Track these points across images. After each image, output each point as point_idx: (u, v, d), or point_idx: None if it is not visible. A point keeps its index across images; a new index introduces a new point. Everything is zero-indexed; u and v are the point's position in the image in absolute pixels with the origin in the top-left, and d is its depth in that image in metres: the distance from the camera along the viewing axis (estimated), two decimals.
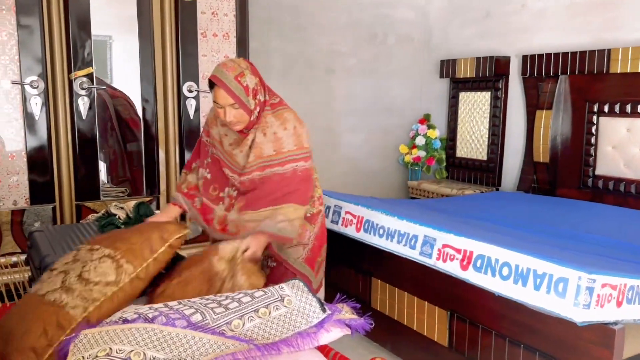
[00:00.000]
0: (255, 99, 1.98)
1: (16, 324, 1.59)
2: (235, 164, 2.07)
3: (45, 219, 3.03)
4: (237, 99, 1.93)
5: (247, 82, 1.96)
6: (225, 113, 1.96)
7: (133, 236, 1.80)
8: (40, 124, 2.96)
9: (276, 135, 2.02)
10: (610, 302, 1.74)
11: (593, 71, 3.39)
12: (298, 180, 2.02)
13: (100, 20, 3.14)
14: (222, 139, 2.10)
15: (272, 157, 2.01)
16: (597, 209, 3.23)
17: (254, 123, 2.02)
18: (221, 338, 1.41)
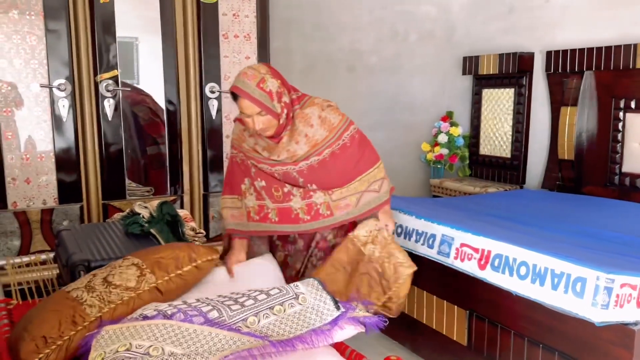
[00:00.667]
0: (281, 102, 1.97)
1: (37, 312, 1.66)
2: (281, 161, 2.05)
3: (73, 217, 3.13)
4: (263, 106, 1.92)
5: (270, 87, 1.95)
6: (254, 122, 1.95)
7: (165, 251, 1.85)
8: (68, 126, 3.05)
9: (321, 118, 2.03)
10: (630, 303, 1.72)
11: (619, 66, 3.31)
12: (357, 143, 2.05)
13: (125, 23, 3.21)
14: (255, 147, 2.08)
15: (328, 137, 2.02)
16: (624, 207, 3.17)
17: (284, 126, 2.01)
18: (237, 334, 1.45)
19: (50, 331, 1.53)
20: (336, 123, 2.03)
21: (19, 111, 2.96)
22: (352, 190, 2.01)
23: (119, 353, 1.36)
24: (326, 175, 2.02)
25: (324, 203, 2.01)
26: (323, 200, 2.01)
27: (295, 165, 2.02)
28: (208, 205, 3.47)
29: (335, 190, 2.02)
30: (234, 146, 2.16)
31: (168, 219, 2.50)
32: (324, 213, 2.02)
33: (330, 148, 2.01)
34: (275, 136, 2.02)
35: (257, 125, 1.95)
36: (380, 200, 2.03)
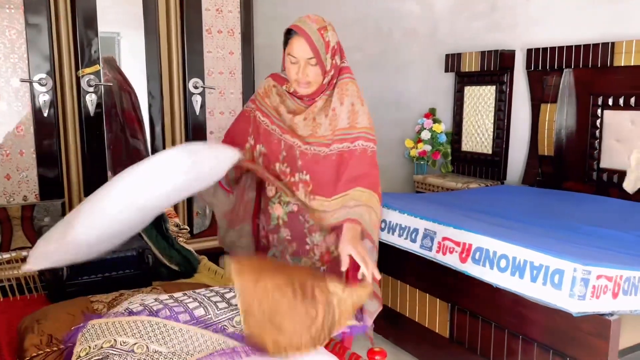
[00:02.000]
0: (333, 60, 1.76)
1: (55, 309, 1.72)
2: (296, 133, 1.82)
3: (54, 214, 3.09)
4: (317, 53, 1.70)
5: (329, 37, 1.74)
6: (300, 69, 1.72)
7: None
8: (49, 121, 3.02)
9: (354, 107, 1.79)
10: (606, 294, 1.77)
11: (597, 65, 3.38)
12: (367, 162, 1.77)
13: (107, 18, 3.19)
14: (279, 107, 1.85)
15: (345, 130, 1.77)
16: (601, 202, 3.24)
17: (324, 88, 1.78)
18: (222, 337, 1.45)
19: (58, 333, 1.54)
20: (360, 125, 1.78)
21: None
22: (334, 205, 1.75)
23: (103, 349, 1.36)
24: (324, 173, 1.79)
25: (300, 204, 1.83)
26: (302, 200, 1.82)
27: (304, 144, 1.80)
28: (192, 202, 3.46)
29: (319, 198, 1.78)
30: (254, 100, 1.94)
31: None
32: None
33: (341, 144, 1.76)
34: (311, 97, 1.81)
35: (301, 74, 1.72)
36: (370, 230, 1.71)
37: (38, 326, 1.59)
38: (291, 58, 1.75)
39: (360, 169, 1.75)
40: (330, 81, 1.78)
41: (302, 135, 1.80)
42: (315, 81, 1.75)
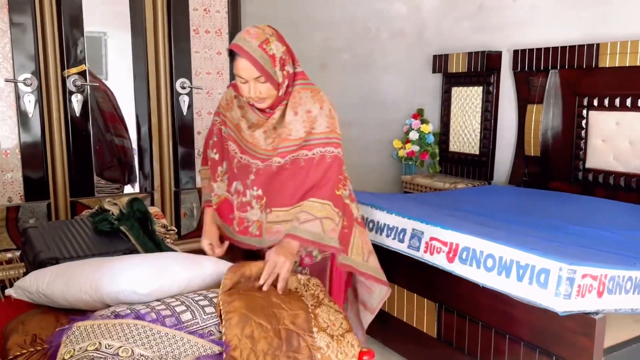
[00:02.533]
0: (283, 71, 1.71)
1: (42, 311, 1.70)
2: (256, 149, 1.79)
3: (40, 215, 3.06)
4: (263, 70, 1.66)
5: (274, 50, 1.68)
6: (250, 88, 1.69)
7: None
8: (34, 122, 2.99)
9: (310, 114, 1.75)
10: (591, 293, 1.78)
11: (582, 65, 3.42)
12: (325, 169, 1.74)
13: (93, 17, 3.16)
14: (240, 122, 1.82)
15: (301, 139, 1.74)
16: (587, 201, 3.27)
17: (281, 99, 1.75)
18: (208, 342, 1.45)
19: (43, 332, 1.52)
20: (318, 130, 1.75)
21: None
22: (291, 215, 1.73)
23: (88, 352, 1.34)
24: (282, 184, 1.76)
25: (257, 222, 1.78)
26: (257, 219, 1.78)
27: (262, 161, 1.78)
28: (179, 202, 3.45)
29: (275, 210, 1.76)
30: (218, 112, 1.93)
31: (138, 216, 2.46)
32: (254, 232, 1.79)
33: (297, 153, 1.74)
34: (271, 108, 1.77)
35: (253, 93, 1.69)
36: (321, 239, 1.69)
37: (23, 327, 1.58)
38: (239, 79, 1.71)
39: (316, 177, 1.73)
40: (285, 91, 1.75)
41: (265, 149, 1.78)
42: (269, 95, 1.72)
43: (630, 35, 3.26)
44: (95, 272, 1.64)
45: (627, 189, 3.29)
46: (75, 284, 1.64)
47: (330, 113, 1.80)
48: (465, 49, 4.26)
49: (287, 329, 1.49)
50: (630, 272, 1.92)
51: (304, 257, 1.85)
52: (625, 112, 3.28)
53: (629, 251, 2.30)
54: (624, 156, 3.31)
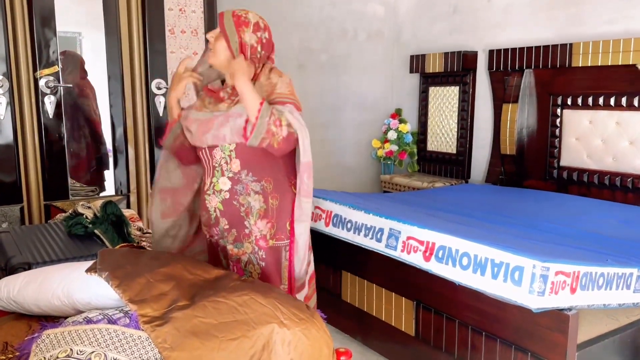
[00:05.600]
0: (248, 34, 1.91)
1: (13, 318, 1.68)
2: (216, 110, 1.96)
3: (13, 219, 3.00)
4: (220, 23, 1.90)
5: (244, 14, 1.94)
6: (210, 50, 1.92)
7: None
8: (6, 124, 2.93)
9: (270, 82, 1.92)
10: (565, 289, 1.81)
11: (556, 65, 3.47)
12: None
13: (67, 17, 3.11)
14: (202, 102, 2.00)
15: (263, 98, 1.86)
16: (561, 199, 3.33)
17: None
18: None
19: (14, 340, 1.50)
20: (278, 91, 1.90)
21: None
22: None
23: (59, 359, 1.32)
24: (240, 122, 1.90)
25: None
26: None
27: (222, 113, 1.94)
28: None
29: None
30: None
31: (113, 219, 2.44)
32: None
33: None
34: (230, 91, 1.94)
35: (211, 32, 1.92)
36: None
37: None
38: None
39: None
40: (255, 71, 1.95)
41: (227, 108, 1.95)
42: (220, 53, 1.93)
43: (602, 35, 3.32)
44: (67, 277, 1.61)
45: (600, 186, 3.35)
46: (47, 290, 1.61)
47: (290, 82, 1.95)
48: (441, 50, 4.29)
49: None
50: (603, 268, 1.95)
51: (259, 238, 1.95)
52: (598, 111, 3.35)
53: (602, 247, 2.35)
54: (597, 154, 3.37)
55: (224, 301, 1.50)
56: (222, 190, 1.95)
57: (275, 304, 1.54)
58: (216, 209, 1.97)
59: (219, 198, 1.95)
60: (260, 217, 1.94)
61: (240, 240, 1.97)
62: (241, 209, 1.94)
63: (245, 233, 1.95)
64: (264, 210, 1.93)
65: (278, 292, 1.66)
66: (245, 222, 1.95)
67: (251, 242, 1.96)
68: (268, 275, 1.97)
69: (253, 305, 1.51)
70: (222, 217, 1.96)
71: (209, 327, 1.42)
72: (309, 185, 1.93)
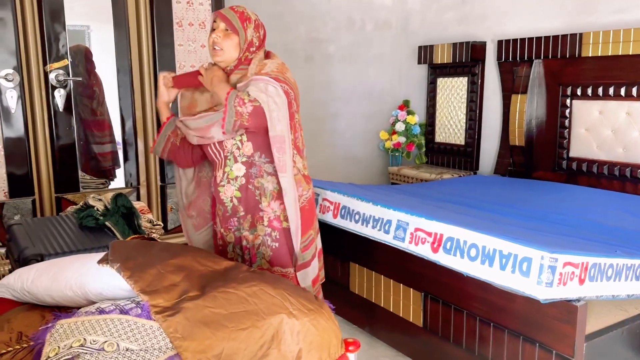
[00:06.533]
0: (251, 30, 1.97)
1: (26, 309, 1.70)
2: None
3: (25, 212, 3.04)
4: (228, 22, 1.93)
5: (244, 11, 1.99)
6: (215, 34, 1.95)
7: None
8: (17, 117, 2.96)
9: (262, 63, 1.99)
10: (573, 280, 1.81)
11: (566, 55, 3.44)
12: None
13: (75, 11, 3.13)
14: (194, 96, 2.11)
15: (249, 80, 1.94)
16: (571, 190, 3.31)
17: (239, 63, 1.98)
18: None
19: (28, 330, 1.52)
20: (265, 70, 1.95)
21: None
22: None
23: (73, 348, 1.34)
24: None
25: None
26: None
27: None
28: (166, 197, 3.43)
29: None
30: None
31: (123, 211, 2.47)
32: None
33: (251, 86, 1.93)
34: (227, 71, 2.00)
35: (214, 34, 1.94)
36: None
37: (8, 325, 1.58)
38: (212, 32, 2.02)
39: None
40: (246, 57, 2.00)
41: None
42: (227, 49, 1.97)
43: (612, 24, 3.29)
44: (79, 269, 1.64)
45: (610, 177, 3.33)
46: (60, 281, 1.64)
47: (282, 64, 2.00)
48: (449, 40, 4.27)
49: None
50: (612, 259, 1.95)
51: (273, 219, 2.00)
52: (608, 101, 3.32)
53: (611, 239, 2.34)
54: (606, 145, 3.35)
55: (233, 292, 1.52)
56: (237, 177, 2.01)
57: (284, 294, 1.56)
58: (232, 198, 2.03)
59: (235, 185, 2.02)
60: (274, 198, 2.00)
61: (255, 226, 2.03)
62: (256, 192, 2.01)
63: (259, 216, 2.02)
64: (277, 192, 1.99)
65: (287, 283, 1.68)
66: (259, 205, 2.01)
67: (264, 224, 2.01)
68: (281, 255, 2.03)
69: (262, 296, 1.53)
70: (239, 205, 2.03)
71: (219, 317, 1.44)
72: (280, 159, 1.92)
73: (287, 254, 2.05)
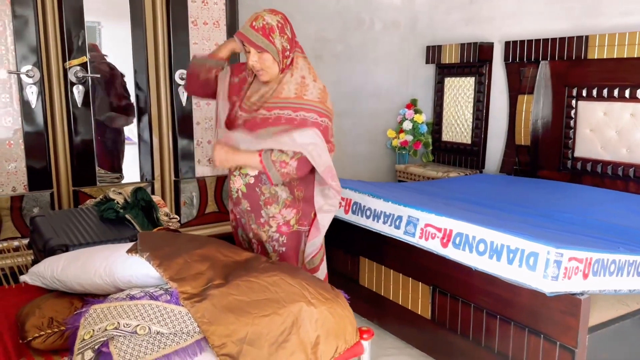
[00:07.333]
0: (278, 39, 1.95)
1: (55, 296, 1.78)
2: (248, 102, 2.05)
3: (43, 204, 3.12)
4: (252, 43, 1.91)
5: (263, 22, 1.93)
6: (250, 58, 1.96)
7: None
8: (37, 112, 3.04)
9: (304, 81, 1.98)
10: (577, 275, 1.89)
11: (572, 57, 3.51)
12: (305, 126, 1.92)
13: (92, 8, 3.20)
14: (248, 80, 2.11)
15: (290, 99, 1.94)
16: (575, 189, 3.38)
17: (283, 70, 1.99)
18: None
19: (58, 315, 1.61)
20: (308, 97, 1.95)
21: None
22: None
23: (107, 331, 1.43)
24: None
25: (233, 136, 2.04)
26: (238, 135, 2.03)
27: (247, 112, 2.02)
28: (179, 192, 3.52)
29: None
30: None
31: (142, 205, 2.55)
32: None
33: (282, 111, 1.95)
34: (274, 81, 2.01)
35: (250, 60, 1.94)
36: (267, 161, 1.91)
37: (39, 310, 1.66)
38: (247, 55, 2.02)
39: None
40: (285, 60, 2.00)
41: (254, 102, 2.03)
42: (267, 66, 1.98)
43: (618, 26, 3.36)
44: (108, 257, 1.72)
45: (614, 177, 3.40)
46: (89, 269, 1.72)
47: (323, 88, 2.00)
48: (457, 40, 4.34)
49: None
50: (614, 255, 2.02)
51: (282, 225, 2.05)
52: (613, 102, 3.39)
53: (614, 236, 2.42)
54: (611, 145, 3.42)
55: (255, 281, 1.60)
56: (247, 175, 2.05)
57: (303, 284, 1.64)
58: (239, 190, 2.08)
59: (244, 181, 2.06)
60: (286, 206, 2.04)
61: (258, 224, 2.09)
62: (261, 197, 2.04)
63: (261, 222, 2.06)
64: (291, 200, 2.04)
65: (304, 273, 1.77)
66: (262, 211, 2.05)
67: (266, 232, 2.06)
68: (287, 258, 2.08)
69: (283, 285, 1.62)
70: (243, 199, 2.08)
71: (242, 304, 1.52)
72: (332, 184, 2.03)
73: (294, 256, 2.10)
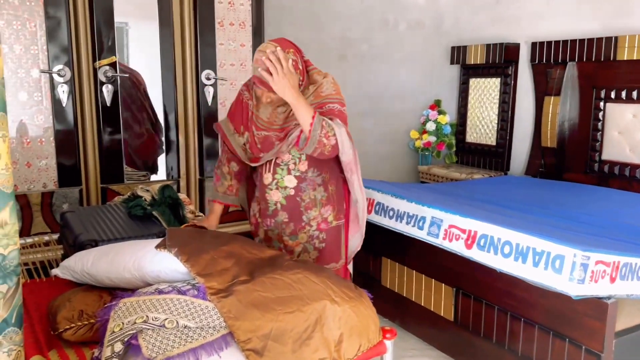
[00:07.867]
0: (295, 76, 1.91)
1: (85, 289, 1.82)
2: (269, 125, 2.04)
3: (72, 200, 3.20)
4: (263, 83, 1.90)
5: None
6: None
7: None
8: (67, 111, 3.12)
9: (317, 83, 2.00)
10: (604, 278, 1.87)
11: (600, 58, 3.46)
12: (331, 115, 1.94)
13: (122, 9, 3.26)
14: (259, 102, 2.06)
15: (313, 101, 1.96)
16: (602, 192, 3.33)
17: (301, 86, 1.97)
18: None
19: (88, 308, 1.66)
20: (325, 93, 1.98)
21: (19, 96, 3.02)
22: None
23: (136, 324, 1.46)
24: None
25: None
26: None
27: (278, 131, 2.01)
28: (204, 190, 3.57)
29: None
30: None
31: (169, 202, 2.60)
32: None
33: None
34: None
35: (264, 99, 1.94)
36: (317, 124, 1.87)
37: (69, 303, 1.70)
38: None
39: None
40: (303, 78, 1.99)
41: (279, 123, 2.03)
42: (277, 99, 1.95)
43: None
44: (137, 252, 1.76)
45: None
46: (119, 263, 1.77)
47: (333, 80, 2.03)
48: (482, 41, 4.30)
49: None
50: None
51: (320, 223, 2.07)
52: None
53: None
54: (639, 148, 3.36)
55: (280, 278, 1.62)
56: (287, 187, 2.04)
57: (326, 282, 1.66)
58: (277, 202, 2.05)
59: (283, 194, 2.04)
60: (323, 205, 2.06)
61: (296, 233, 2.06)
62: (302, 203, 2.04)
63: (302, 226, 2.06)
64: (326, 198, 2.06)
65: (328, 272, 1.78)
66: (303, 215, 2.05)
67: (306, 232, 2.06)
68: (329, 252, 2.10)
69: (307, 283, 1.63)
70: (282, 211, 2.06)
71: (267, 300, 1.55)
72: (350, 179, 2.05)
73: (336, 249, 2.12)
